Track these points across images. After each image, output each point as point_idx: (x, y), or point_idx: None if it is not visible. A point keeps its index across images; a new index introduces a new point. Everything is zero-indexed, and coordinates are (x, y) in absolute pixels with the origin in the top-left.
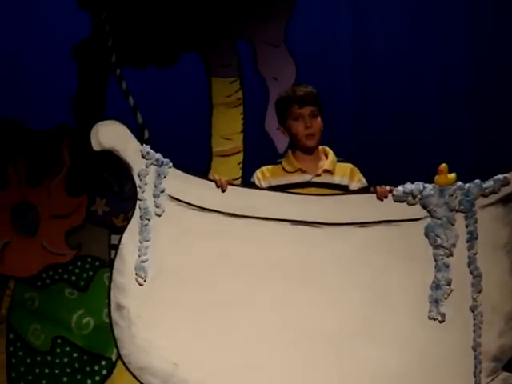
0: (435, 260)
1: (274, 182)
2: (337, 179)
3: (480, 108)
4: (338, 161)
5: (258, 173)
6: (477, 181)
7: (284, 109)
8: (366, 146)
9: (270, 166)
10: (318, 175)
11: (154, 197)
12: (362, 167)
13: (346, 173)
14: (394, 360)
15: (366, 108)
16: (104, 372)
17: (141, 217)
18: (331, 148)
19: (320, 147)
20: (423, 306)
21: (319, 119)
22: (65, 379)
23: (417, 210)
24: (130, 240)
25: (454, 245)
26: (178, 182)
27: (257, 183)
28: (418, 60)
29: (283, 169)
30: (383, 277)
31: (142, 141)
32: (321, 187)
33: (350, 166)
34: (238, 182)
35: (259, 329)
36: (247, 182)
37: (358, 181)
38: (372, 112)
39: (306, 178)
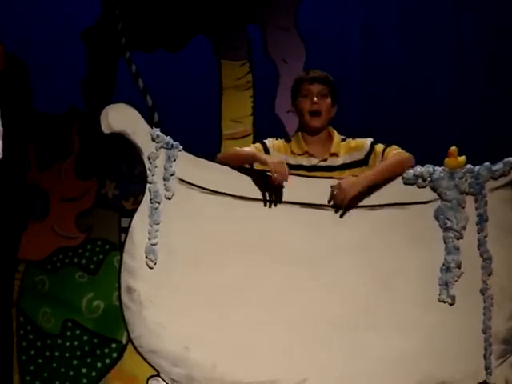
0: (445, 243)
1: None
2: (340, 160)
3: (491, 90)
4: (348, 138)
5: (271, 140)
6: (487, 163)
7: (296, 88)
8: (376, 130)
9: (280, 142)
10: (325, 160)
11: (164, 180)
12: None
13: (350, 149)
14: (403, 344)
15: (376, 91)
16: (114, 355)
17: (151, 200)
18: (343, 134)
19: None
20: (433, 289)
21: (328, 100)
22: (75, 362)
23: (427, 193)
24: (140, 223)
25: (463, 227)
26: (188, 165)
27: (268, 145)
28: (428, 43)
29: (291, 151)
30: (392, 260)
31: (151, 124)
32: (326, 171)
33: (363, 141)
34: None
35: (268, 311)
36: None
37: (394, 150)
38: (382, 96)
39: (313, 161)
